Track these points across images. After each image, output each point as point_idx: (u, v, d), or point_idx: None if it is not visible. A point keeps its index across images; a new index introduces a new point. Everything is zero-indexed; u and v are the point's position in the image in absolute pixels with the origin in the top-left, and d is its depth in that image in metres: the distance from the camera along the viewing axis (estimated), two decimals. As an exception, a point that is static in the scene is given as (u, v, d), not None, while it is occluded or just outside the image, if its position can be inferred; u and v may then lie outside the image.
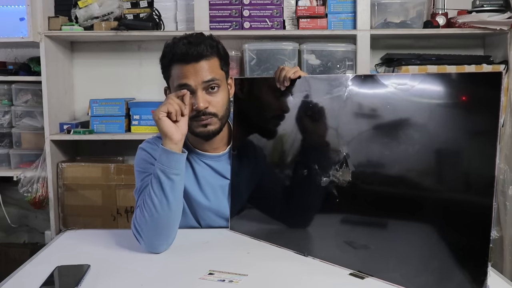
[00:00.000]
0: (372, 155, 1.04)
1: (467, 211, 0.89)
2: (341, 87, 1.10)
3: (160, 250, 1.18)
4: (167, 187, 1.16)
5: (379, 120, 1.03)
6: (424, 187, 0.96)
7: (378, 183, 1.03)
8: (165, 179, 1.16)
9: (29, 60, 2.49)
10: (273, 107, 1.28)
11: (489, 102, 0.85)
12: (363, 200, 1.06)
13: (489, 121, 0.85)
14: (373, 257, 1.02)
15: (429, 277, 0.92)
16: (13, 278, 1.04)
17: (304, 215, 1.18)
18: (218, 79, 1.27)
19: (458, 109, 0.92)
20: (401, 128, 0.99)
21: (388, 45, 2.49)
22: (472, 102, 0.89)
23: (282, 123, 1.25)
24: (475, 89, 0.89)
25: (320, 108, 1.16)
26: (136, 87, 2.62)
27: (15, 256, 2.54)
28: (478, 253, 0.85)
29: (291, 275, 1.04)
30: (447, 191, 0.92)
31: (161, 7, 2.41)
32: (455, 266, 0.89)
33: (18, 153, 2.49)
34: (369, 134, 1.05)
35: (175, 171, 1.17)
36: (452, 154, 0.92)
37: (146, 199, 1.18)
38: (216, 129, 1.30)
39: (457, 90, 0.91)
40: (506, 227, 2.18)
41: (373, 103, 1.05)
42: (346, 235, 1.08)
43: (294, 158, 1.19)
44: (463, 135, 0.91)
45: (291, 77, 1.21)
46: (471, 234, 0.87)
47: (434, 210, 0.94)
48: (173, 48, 1.26)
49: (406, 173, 0.98)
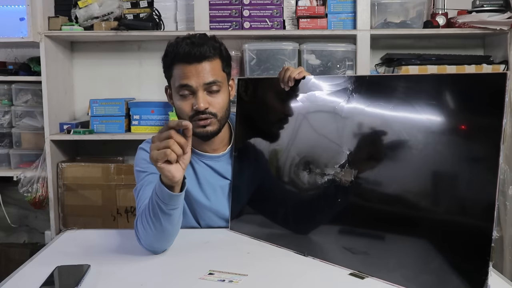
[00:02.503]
0: (375, 156, 1.04)
1: (470, 205, 0.89)
2: (345, 88, 1.11)
3: (160, 252, 1.18)
4: (163, 219, 1.11)
5: (383, 121, 1.03)
6: (426, 183, 0.95)
7: (381, 182, 1.03)
8: (163, 214, 1.11)
9: (29, 60, 2.49)
10: (276, 107, 1.28)
11: (493, 104, 0.85)
12: (365, 200, 1.05)
13: (494, 119, 0.85)
14: (373, 257, 1.02)
15: (430, 277, 0.92)
16: (13, 278, 1.04)
17: (304, 215, 1.18)
18: (219, 81, 1.27)
19: (461, 113, 0.92)
20: (405, 129, 0.98)
21: (388, 45, 2.49)
22: (476, 108, 0.90)
23: (285, 124, 1.25)
24: (478, 91, 0.89)
25: (324, 108, 1.16)
26: (136, 87, 2.62)
27: (15, 256, 2.54)
28: (479, 253, 0.85)
29: (291, 275, 1.04)
30: (450, 186, 0.92)
31: (161, 7, 2.41)
32: (456, 266, 0.89)
33: (18, 153, 2.49)
34: (373, 135, 1.05)
35: (172, 207, 1.10)
36: (454, 151, 0.92)
37: (146, 215, 1.13)
38: (214, 130, 1.30)
39: (462, 91, 0.92)
40: (506, 227, 2.18)
41: (377, 104, 1.05)
42: (347, 235, 1.08)
43: (295, 159, 1.19)
44: (467, 132, 0.90)
45: (295, 78, 1.21)
46: (472, 233, 0.87)
47: (436, 208, 0.93)
48: (176, 47, 1.26)
49: (410, 171, 0.98)
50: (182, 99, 1.27)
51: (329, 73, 2.31)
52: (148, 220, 1.12)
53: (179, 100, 1.28)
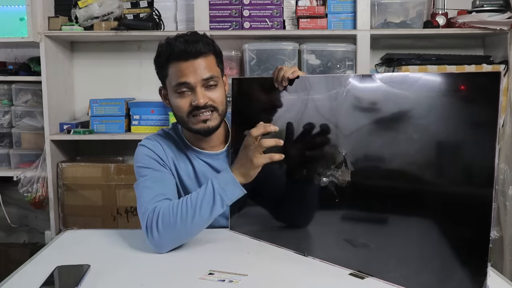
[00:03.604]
0: (371, 154, 1.04)
1: (467, 207, 0.89)
2: (340, 86, 1.10)
3: (164, 252, 1.18)
4: (215, 212, 1.17)
5: (378, 119, 1.03)
6: (423, 183, 0.95)
7: (378, 182, 1.03)
8: (219, 206, 1.17)
9: (29, 60, 2.49)
10: (271, 107, 1.28)
11: (489, 100, 0.85)
12: (363, 200, 1.05)
13: (489, 117, 0.85)
14: (373, 257, 1.02)
15: (429, 277, 0.92)
16: (13, 278, 1.04)
17: (304, 215, 1.18)
18: (216, 76, 1.29)
19: (458, 106, 0.92)
20: (400, 127, 0.98)
21: (388, 45, 2.49)
22: (471, 99, 0.89)
23: (280, 123, 1.25)
24: (474, 88, 0.89)
25: (319, 108, 1.16)
26: (136, 87, 2.62)
27: (15, 256, 2.54)
28: (477, 253, 0.85)
29: (291, 275, 1.04)
30: (447, 186, 0.92)
31: (161, 7, 2.41)
32: (455, 266, 0.89)
33: (18, 153, 2.49)
34: (368, 132, 1.05)
35: (229, 202, 1.18)
36: (451, 150, 0.92)
37: (188, 206, 1.17)
38: (215, 125, 1.31)
39: (456, 89, 0.91)
40: (506, 227, 2.18)
41: (372, 103, 1.04)
42: (346, 235, 1.08)
43: (293, 158, 1.19)
44: (462, 132, 0.90)
45: (289, 77, 1.21)
46: (470, 234, 0.87)
47: (434, 208, 0.93)
48: (169, 47, 1.27)
49: (405, 170, 0.97)
50: (180, 97, 1.28)
51: (329, 73, 2.31)
52: (195, 210, 1.15)
53: (177, 98, 1.29)
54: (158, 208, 1.18)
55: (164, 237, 1.16)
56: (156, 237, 1.16)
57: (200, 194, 1.18)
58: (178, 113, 1.31)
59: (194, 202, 1.17)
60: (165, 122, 2.41)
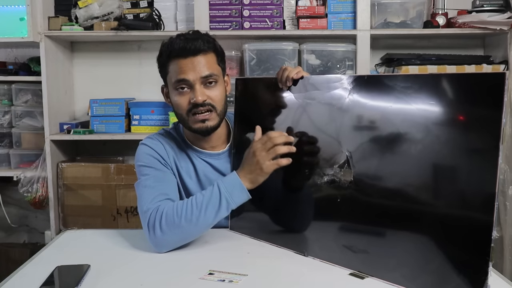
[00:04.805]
0: (374, 155, 1.04)
1: (469, 207, 0.89)
2: (344, 87, 1.10)
3: (164, 251, 1.18)
4: (220, 215, 1.18)
5: (382, 120, 1.03)
6: (427, 186, 0.95)
7: (380, 183, 1.03)
8: (224, 210, 1.18)
9: (29, 60, 2.49)
10: (274, 107, 1.28)
11: (493, 103, 0.85)
12: (364, 200, 1.05)
13: (493, 118, 0.85)
14: (373, 257, 1.02)
15: (430, 277, 0.92)
16: (13, 278, 1.04)
17: (304, 215, 1.18)
18: (215, 74, 1.28)
19: (460, 111, 0.92)
20: (404, 128, 0.98)
21: (388, 45, 2.49)
22: (474, 108, 0.89)
23: (283, 124, 1.25)
24: (478, 91, 0.89)
25: (322, 108, 1.16)
26: (136, 87, 2.62)
27: (15, 256, 2.54)
28: (479, 253, 0.85)
29: (291, 275, 1.04)
30: (449, 188, 0.92)
31: (161, 7, 2.41)
32: (456, 266, 0.89)
33: (18, 153, 2.49)
34: (372, 134, 1.05)
35: (234, 206, 1.19)
36: (455, 155, 0.92)
37: (193, 208, 1.17)
38: (214, 125, 1.30)
39: (461, 92, 0.92)
40: (506, 227, 2.18)
41: (376, 104, 1.04)
42: (347, 235, 1.08)
43: (295, 158, 1.19)
44: (466, 136, 0.90)
45: (293, 77, 1.21)
46: (472, 233, 0.87)
47: (436, 211, 0.93)
48: (170, 45, 1.28)
49: (409, 174, 0.98)
50: (179, 94, 1.28)
51: (329, 73, 2.31)
52: (200, 211, 1.16)
53: (176, 95, 1.29)
54: (161, 208, 1.19)
55: (166, 237, 1.16)
56: (158, 235, 1.16)
57: (206, 196, 1.18)
58: (178, 111, 1.31)
59: (200, 204, 1.17)
60: (165, 122, 2.41)
